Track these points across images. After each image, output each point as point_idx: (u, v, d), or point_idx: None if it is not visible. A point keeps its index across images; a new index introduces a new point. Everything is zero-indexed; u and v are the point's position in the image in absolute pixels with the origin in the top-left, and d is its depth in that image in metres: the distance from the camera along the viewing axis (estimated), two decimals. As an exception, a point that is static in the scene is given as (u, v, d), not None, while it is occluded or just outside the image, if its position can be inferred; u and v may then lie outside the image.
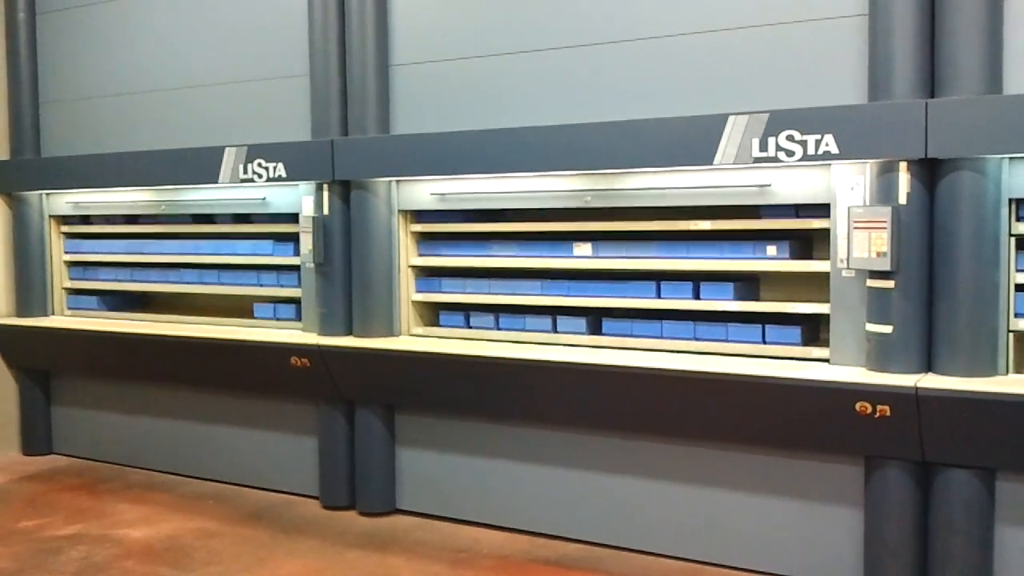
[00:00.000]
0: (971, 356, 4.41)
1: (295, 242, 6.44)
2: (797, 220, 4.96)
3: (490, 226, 5.93)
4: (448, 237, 6.08)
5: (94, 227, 7.68)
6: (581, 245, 5.60)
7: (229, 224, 6.96)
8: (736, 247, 5.15)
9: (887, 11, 4.51)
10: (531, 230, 5.79)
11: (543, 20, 5.60)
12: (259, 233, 6.76)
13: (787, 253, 5.02)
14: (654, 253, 5.38)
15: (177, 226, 7.22)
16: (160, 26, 7.13)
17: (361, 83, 6.07)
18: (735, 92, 5.01)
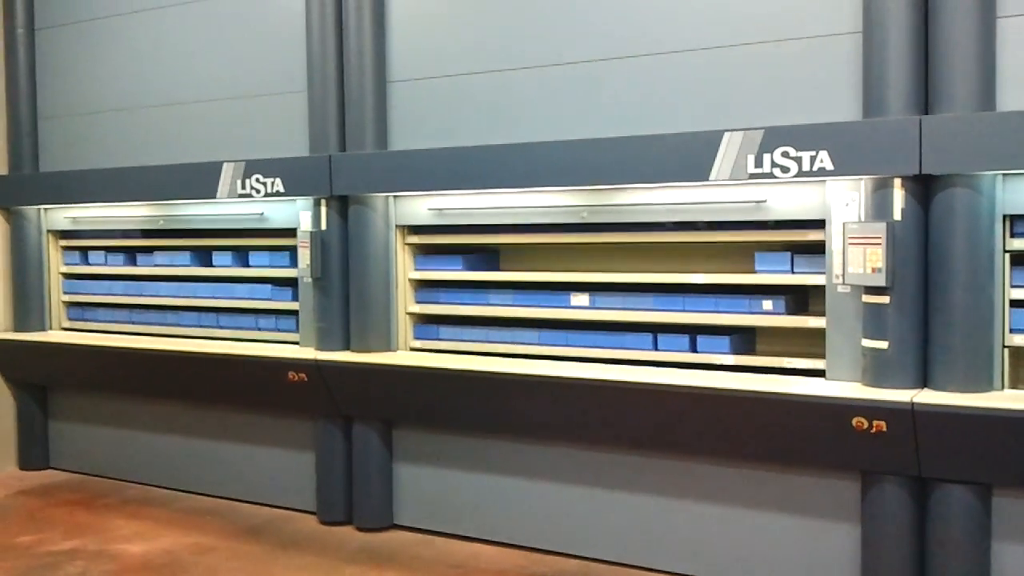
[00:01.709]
0: (967, 371, 4.43)
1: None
2: (792, 275, 4.98)
3: (488, 275, 5.97)
4: (447, 285, 6.11)
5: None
6: (578, 295, 5.62)
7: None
8: (732, 301, 5.16)
9: (881, 29, 4.54)
10: (529, 280, 5.80)
11: (540, 37, 5.63)
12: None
13: (782, 308, 5.04)
14: (650, 305, 5.39)
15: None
16: (158, 42, 7.15)
17: (359, 99, 6.10)
18: (731, 109, 5.04)
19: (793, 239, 5.00)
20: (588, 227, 5.59)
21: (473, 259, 6.06)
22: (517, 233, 5.85)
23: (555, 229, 5.70)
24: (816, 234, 4.85)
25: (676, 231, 5.33)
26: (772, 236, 5.07)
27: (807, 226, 4.91)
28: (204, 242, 7.06)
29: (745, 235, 5.14)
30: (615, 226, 5.49)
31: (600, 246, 5.68)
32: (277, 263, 6.65)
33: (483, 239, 5.97)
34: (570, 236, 5.67)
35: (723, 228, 5.22)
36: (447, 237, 6.06)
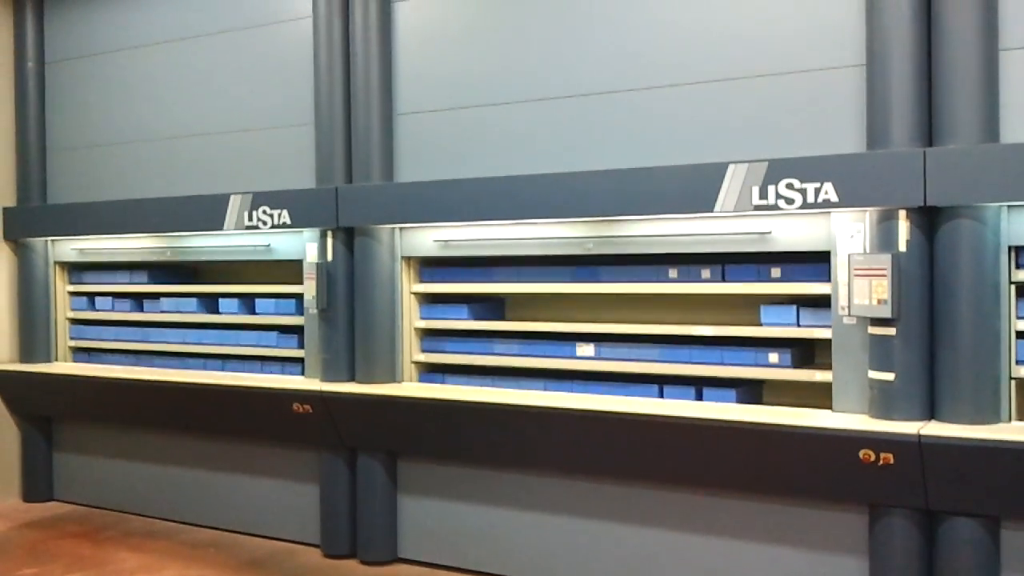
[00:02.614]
0: (974, 403, 4.41)
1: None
2: (798, 328, 4.97)
3: (493, 324, 5.98)
4: (453, 334, 6.12)
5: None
6: (584, 346, 5.62)
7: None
8: (738, 353, 5.15)
9: (884, 62, 4.57)
10: (534, 329, 5.80)
11: (544, 70, 5.67)
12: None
13: (788, 361, 5.02)
14: (656, 357, 5.38)
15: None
16: (167, 75, 7.22)
17: (365, 131, 6.14)
18: (735, 141, 5.06)
19: (799, 292, 4.98)
20: (593, 260, 5.60)
21: (479, 308, 6.06)
22: (523, 282, 5.84)
23: (560, 262, 5.71)
24: (822, 287, 4.84)
25: (682, 282, 5.32)
26: (778, 288, 5.05)
27: (812, 261, 4.92)
28: (211, 288, 7.06)
29: (751, 287, 5.12)
30: (620, 258, 5.50)
31: (606, 296, 5.68)
32: (283, 310, 6.65)
33: (489, 288, 5.97)
34: (576, 286, 5.66)
35: (728, 261, 5.22)
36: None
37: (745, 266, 5.14)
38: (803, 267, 4.96)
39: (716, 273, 5.21)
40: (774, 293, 5.10)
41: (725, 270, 5.20)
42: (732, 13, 5.12)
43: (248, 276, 7.04)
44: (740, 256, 5.15)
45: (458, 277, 6.06)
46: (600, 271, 5.59)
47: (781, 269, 5.02)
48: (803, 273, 4.96)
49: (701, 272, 5.25)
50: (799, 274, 4.97)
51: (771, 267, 5.05)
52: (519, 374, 5.89)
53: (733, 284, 5.18)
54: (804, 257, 4.97)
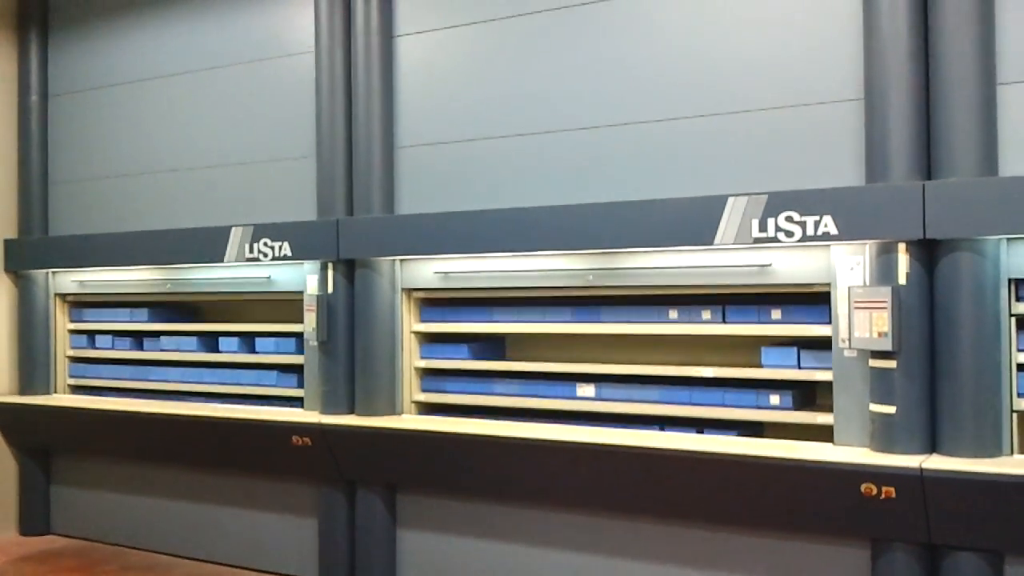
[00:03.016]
0: (975, 436, 4.39)
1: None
2: (799, 371, 4.96)
3: (493, 364, 5.95)
4: (453, 374, 6.11)
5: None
6: (585, 386, 5.61)
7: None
8: (739, 395, 5.14)
9: (883, 96, 4.60)
10: (535, 369, 5.78)
11: (544, 104, 5.70)
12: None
13: (790, 403, 5.00)
14: (657, 398, 5.37)
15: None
16: (169, 108, 7.26)
17: (367, 164, 6.17)
18: (735, 174, 5.08)
19: (800, 334, 4.97)
20: (594, 294, 5.60)
21: (479, 347, 6.06)
22: (523, 322, 5.83)
23: (561, 294, 5.70)
24: (822, 329, 4.84)
25: (682, 323, 5.31)
26: (779, 331, 5.05)
27: (813, 303, 4.93)
28: (211, 327, 7.06)
29: (751, 328, 5.12)
30: (621, 291, 5.50)
31: (607, 336, 5.67)
32: (283, 349, 6.64)
33: (490, 327, 5.96)
34: (577, 326, 5.65)
35: (729, 296, 5.22)
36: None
37: (746, 307, 5.14)
38: (804, 308, 4.96)
39: (717, 314, 5.21)
40: (775, 335, 5.09)
41: (726, 311, 5.19)
42: (732, 47, 5.16)
43: (248, 311, 7.05)
44: (741, 291, 5.15)
45: (458, 316, 6.05)
46: (601, 311, 5.59)
47: (782, 310, 5.02)
48: (804, 314, 4.95)
49: (702, 313, 5.25)
50: (800, 315, 4.97)
51: (772, 308, 5.05)
52: (520, 414, 5.86)
53: (734, 325, 5.17)
54: (805, 298, 4.97)
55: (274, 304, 6.79)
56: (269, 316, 6.87)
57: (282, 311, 6.72)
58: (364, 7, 6.18)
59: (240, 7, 6.89)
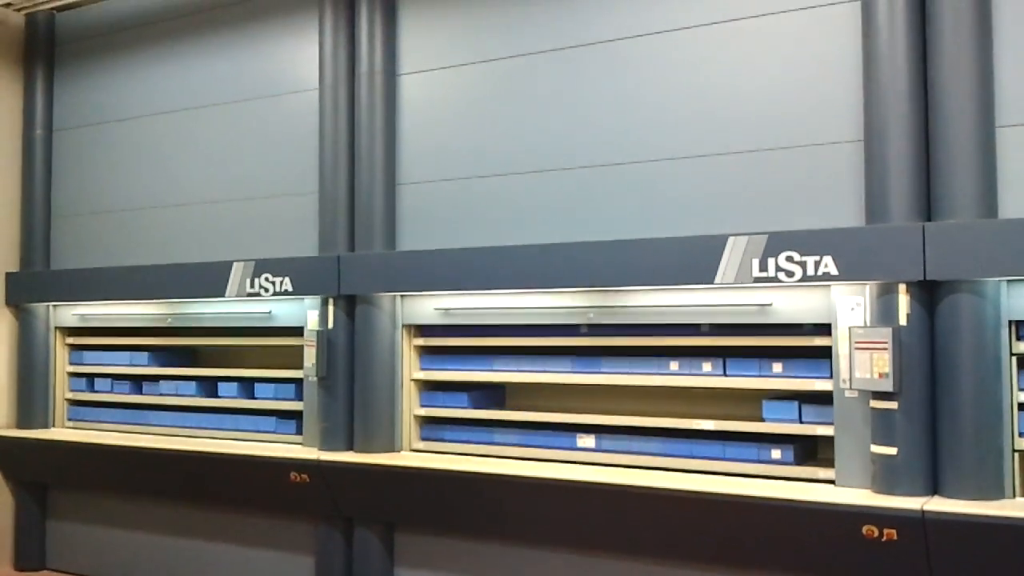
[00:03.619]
0: (977, 478, 4.37)
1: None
2: (801, 425, 4.95)
3: (493, 413, 5.92)
4: (453, 422, 6.07)
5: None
6: (584, 437, 5.57)
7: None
8: (740, 448, 5.12)
9: (882, 137, 4.63)
10: (535, 419, 5.75)
11: (546, 142, 5.74)
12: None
13: (791, 457, 4.97)
14: (657, 450, 5.33)
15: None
16: (173, 144, 7.30)
17: (369, 200, 6.19)
18: (736, 213, 5.10)
19: (800, 388, 4.95)
20: (595, 343, 5.59)
21: (478, 396, 6.04)
22: (523, 371, 5.82)
23: (562, 331, 5.70)
24: (823, 384, 4.83)
25: (683, 375, 5.29)
26: (780, 384, 5.03)
27: (814, 356, 4.92)
28: (210, 372, 7.04)
29: (752, 381, 5.10)
30: (623, 328, 5.50)
31: (607, 388, 5.66)
32: (282, 395, 6.61)
33: (489, 376, 5.95)
34: (577, 376, 5.63)
35: (731, 352, 5.21)
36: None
37: (747, 360, 5.12)
38: (805, 362, 4.95)
39: (718, 366, 5.20)
40: (775, 389, 5.07)
41: (727, 363, 5.18)
42: (733, 88, 5.19)
43: (248, 356, 7.06)
44: (743, 338, 5.14)
45: (458, 364, 6.03)
46: (601, 361, 5.57)
47: (783, 364, 5.01)
48: (805, 368, 4.94)
49: (703, 365, 5.23)
50: (801, 369, 4.95)
51: (773, 361, 5.03)
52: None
53: (735, 378, 5.16)
54: (806, 351, 4.95)
55: (273, 349, 6.77)
56: (269, 361, 6.84)
57: (282, 355, 6.70)
58: (368, 46, 6.24)
59: (245, 45, 6.95)
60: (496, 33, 5.96)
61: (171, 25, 7.35)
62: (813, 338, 4.89)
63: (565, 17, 5.71)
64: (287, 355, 6.60)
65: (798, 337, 4.97)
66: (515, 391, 6.20)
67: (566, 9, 5.71)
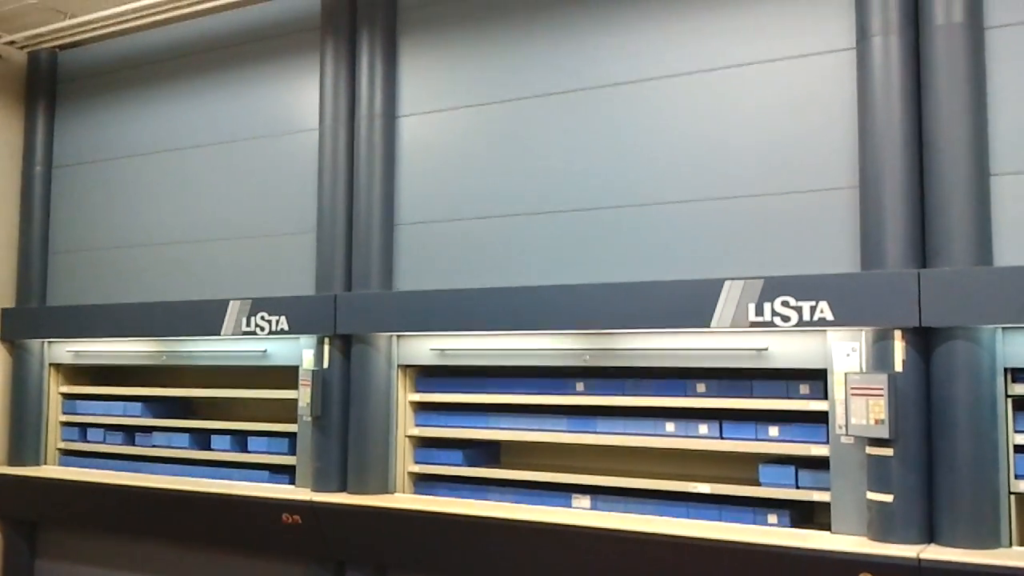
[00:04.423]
0: (973, 526, 4.35)
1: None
2: (797, 490, 4.92)
3: (487, 471, 5.86)
4: (447, 479, 6.02)
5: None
6: (580, 498, 5.53)
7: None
8: (736, 512, 5.08)
9: (877, 184, 4.66)
10: (530, 479, 5.69)
11: (543, 185, 5.77)
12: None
13: (787, 522, 4.93)
14: (653, 511, 5.27)
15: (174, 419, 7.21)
16: (171, 182, 7.33)
17: (366, 240, 6.20)
18: (732, 257, 5.12)
19: (797, 453, 4.93)
20: (591, 372, 5.60)
21: (473, 453, 6.00)
22: (519, 429, 5.78)
23: (558, 373, 5.70)
24: (820, 449, 4.82)
25: (679, 437, 5.27)
26: (776, 448, 5.02)
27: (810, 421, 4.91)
28: (204, 424, 6.99)
29: (748, 445, 5.08)
30: (618, 376, 5.49)
31: (602, 448, 5.64)
32: (276, 449, 6.57)
33: (485, 434, 5.91)
34: (572, 436, 5.60)
35: (727, 418, 5.18)
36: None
37: (743, 423, 5.10)
38: (801, 426, 4.93)
39: (714, 428, 5.18)
40: (772, 453, 5.06)
41: (723, 426, 5.16)
42: (730, 133, 5.24)
43: (242, 409, 7.04)
44: (739, 382, 5.14)
45: (454, 422, 6.00)
46: (597, 421, 5.54)
47: (779, 428, 4.99)
48: (801, 432, 4.92)
49: (698, 427, 5.22)
50: (797, 433, 4.93)
51: (769, 426, 5.01)
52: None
53: (731, 441, 5.13)
54: (802, 416, 4.94)
55: (266, 402, 6.75)
56: (263, 411, 6.83)
57: (274, 408, 6.69)
58: (368, 88, 6.29)
59: (247, 85, 7.01)
60: (495, 77, 6.01)
61: (173, 65, 7.42)
62: (809, 401, 4.89)
63: (563, 62, 5.77)
64: (280, 408, 6.59)
65: (795, 400, 4.95)
66: (510, 448, 6.15)
67: (564, 54, 5.77)
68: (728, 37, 5.29)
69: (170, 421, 7.19)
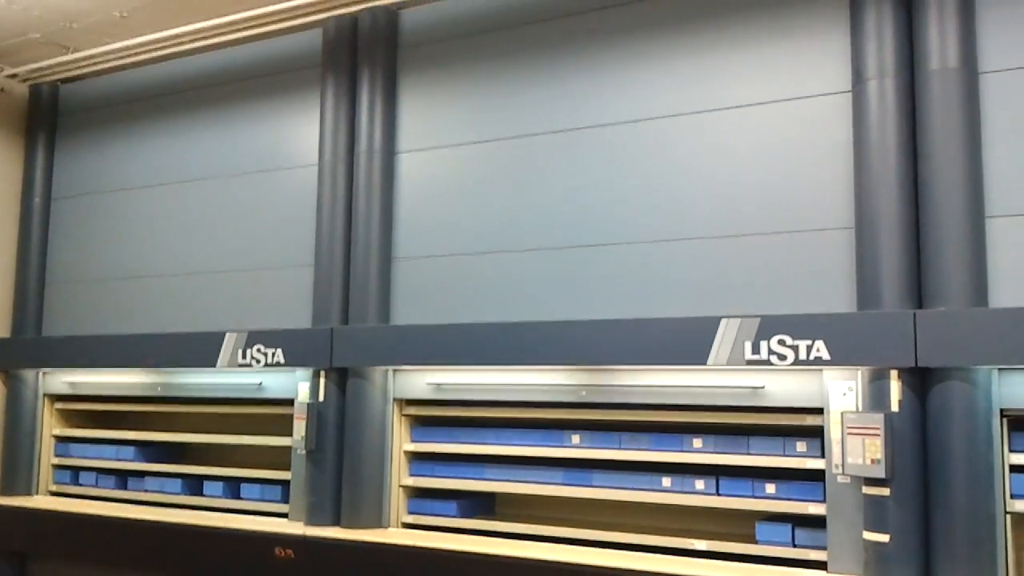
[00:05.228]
0: (970, 568, 4.34)
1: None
2: (794, 549, 4.89)
3: (482, 524, 5.80)
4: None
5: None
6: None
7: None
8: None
9: (873, 225, 4.70)
10: (525, 532, 5.61)
11: (541, 222, 5.80)
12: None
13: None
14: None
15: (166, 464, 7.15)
16: (169, 215, 7.36)
17: (364, 274, 6.22)
18: (729, 296, 5.15)
19: (794, 511, 4.92)
20: (587, 406, 5.58)
21: (467, 504, 5.97)
22: (514, 481, 5.74)
23: (554, 406, 5.69)
24: (817, 508, 4.81)
25: (675, 492, 5.25)
26: (772, 506, 5.00)
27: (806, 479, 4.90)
28: (196, 470, 6.94)
29: (745, 502, 5.06)
30: (615, 406, 5.49)
31: (598, 502, 5.63)
32: (268, 496, 6.54)
33: (479, 485, 5.86)
34: (567, 489, 5.56)
35: (723, 475, 5.17)
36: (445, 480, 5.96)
37: (740, 480, 5.09)
38: (798, 485, 4.92)
39: (711, 485, 5.17)
40: (768, 511, 5.04)
41: (719, 482, 5.15)
42: (727, 173, 5.28)
43: (234, 455, 7.03)
44: (734, 414, 5.15)
45: (448, 472, 5.97)
46: (592, 475, 5.52)
47: (776, 486, 4.98)
48: (798, 491, 4.91)
49: (695, 483, 5.20)
50: (794, 492, 4.92)
51: (766, 483, 5.00)
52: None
53: (727, 498, 5.12)
54: (799, 474, 4.94)
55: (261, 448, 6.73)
56: (257, 460, 6.80)
57: (268, 456, 6.66)
58: (368, 124, 6.34)
59: (247, 120, 7.06)
60: (493, 114, 6.07)
61: (173, 99, 7.47)
62: (806, 459, 4.88)
63: (561, 101, 5.82)
64: (275, 454, 6.56)
65: (792, 458, 4.94)
66: (505, 500, 6.11)
67: (562, 93, 5.83)
68: (726, 79, 5.35)
69: (163, 466, 7.15)
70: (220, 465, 6.90)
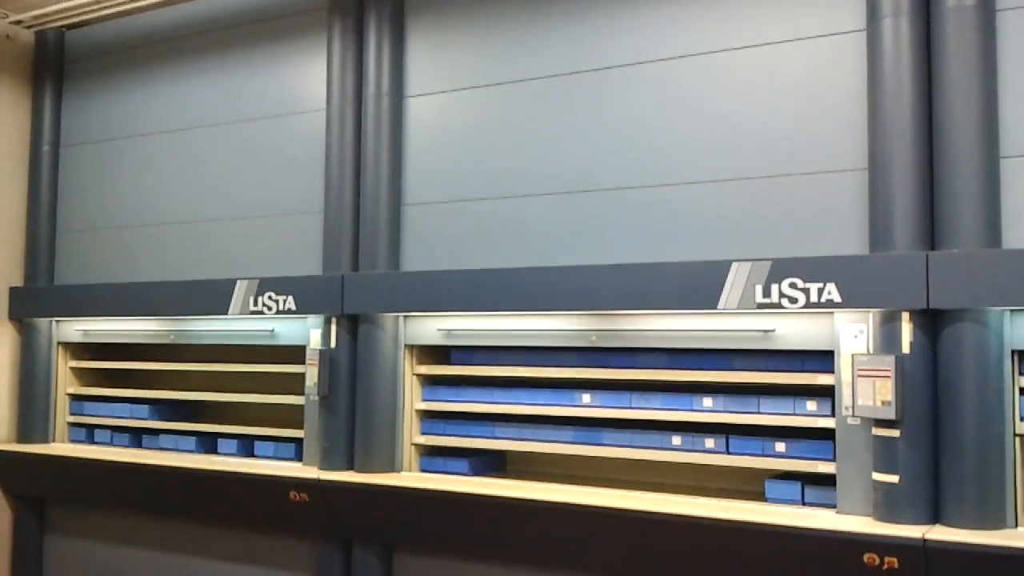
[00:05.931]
0: (979, 507, 4.37)
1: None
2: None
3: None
4: None
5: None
6: None
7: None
8: None
9: (886, 166, 4.66)
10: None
11: (552, 166, 5.76)
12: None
13: None
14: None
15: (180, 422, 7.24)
16: (179, 162, 7.34)
17: (373, 221, 6.21)
18: (740, 239, 5.12)
19: (804, 470, 4.91)
20: (597, 352, 5.60)
21: (478, 462, 6.00)
22: (524, 440, 5.77)
23: (563, 353, 5.71)
24: (827, 466, 4.79)
25: (685, 451, 5.25)
26: (782, 465, 4.99)
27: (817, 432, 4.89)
28: (210, 428, 7.01)
29: (755, 461, 5.06)
30: (624, 352, 5.51)
31: (607, 460, 5.66)
32: (281, 454, 6.57)
33: (490, 444, 5.91)
34: (579, 447, 5.59)
35: (733, 433, 5.18)
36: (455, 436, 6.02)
37: (750, 439, 5.09)
38: (808, 443, 4.92)
39: (720, 443, 5.17)
40: (777, 469, 5.05)
41: (729, 440, 5.16)
42: (739, 115, 5.23)
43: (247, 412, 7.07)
44: (744, 355, 5.16)
45: (459, 431, 6.00)
46: (603, 434, 5.54)
47: (786, 444, 4.98)
48: (808, 449, 4.91)
49: (705, 441, 5.21)
50: (804, 450, 4.93)
51: (776, 441, 5.00)
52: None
53: (737, 456, 5.13)
54: (809, 432, 4.94)
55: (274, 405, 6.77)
56: (271, 358, 6.84)
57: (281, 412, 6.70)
58: (376, 68, 6.28)
59: (253, 65, 7.00)
60: (503, 57, 6.00)
61: (180, 44, 7.41)
62: (816, 419, 4.88)
63: (571, 43, 5.75)
64: (288, 412, 6.59)
65: (802, 417, 4.93)
66: (516, 457, 6.15)
67: (572, 35, 5.75)
68: (738, 18, 5.27)
69: (177, 424, 7.21)
70: (234, 423, 6.95)
